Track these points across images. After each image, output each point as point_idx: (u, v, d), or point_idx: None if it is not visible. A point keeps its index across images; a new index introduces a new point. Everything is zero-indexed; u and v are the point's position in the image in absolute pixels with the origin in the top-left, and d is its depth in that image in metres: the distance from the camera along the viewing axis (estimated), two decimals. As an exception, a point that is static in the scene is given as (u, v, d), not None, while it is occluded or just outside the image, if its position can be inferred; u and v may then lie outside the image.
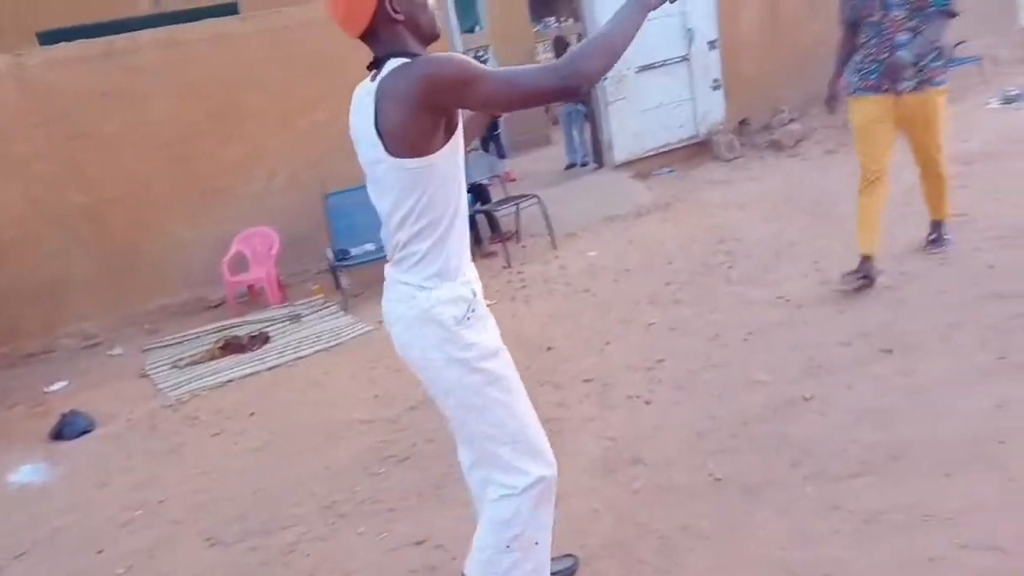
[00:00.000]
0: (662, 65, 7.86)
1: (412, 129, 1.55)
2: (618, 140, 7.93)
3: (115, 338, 6.02)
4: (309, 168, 6.39)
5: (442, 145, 1.61)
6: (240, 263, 6.24)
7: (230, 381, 4.73)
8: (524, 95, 1.53)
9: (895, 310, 3.63)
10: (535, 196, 6.33)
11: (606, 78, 7.50)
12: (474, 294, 1.78)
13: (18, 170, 5.72)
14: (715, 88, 8.20)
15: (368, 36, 1.65)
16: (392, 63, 1.58)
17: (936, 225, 4.22)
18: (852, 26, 3.88)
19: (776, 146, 7.97)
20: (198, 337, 5.60)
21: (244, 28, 6.20)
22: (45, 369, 5.64)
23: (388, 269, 1.80)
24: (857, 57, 3.87)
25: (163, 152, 6.06)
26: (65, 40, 6.06)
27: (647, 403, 3.32)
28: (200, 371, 4.96)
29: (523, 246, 6.52)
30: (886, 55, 3.68)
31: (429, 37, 1.71)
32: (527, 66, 1.56)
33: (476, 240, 6.42)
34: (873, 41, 3.76)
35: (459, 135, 1.67)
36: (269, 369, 4.82)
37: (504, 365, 1.81)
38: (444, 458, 3.21)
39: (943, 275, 3.89)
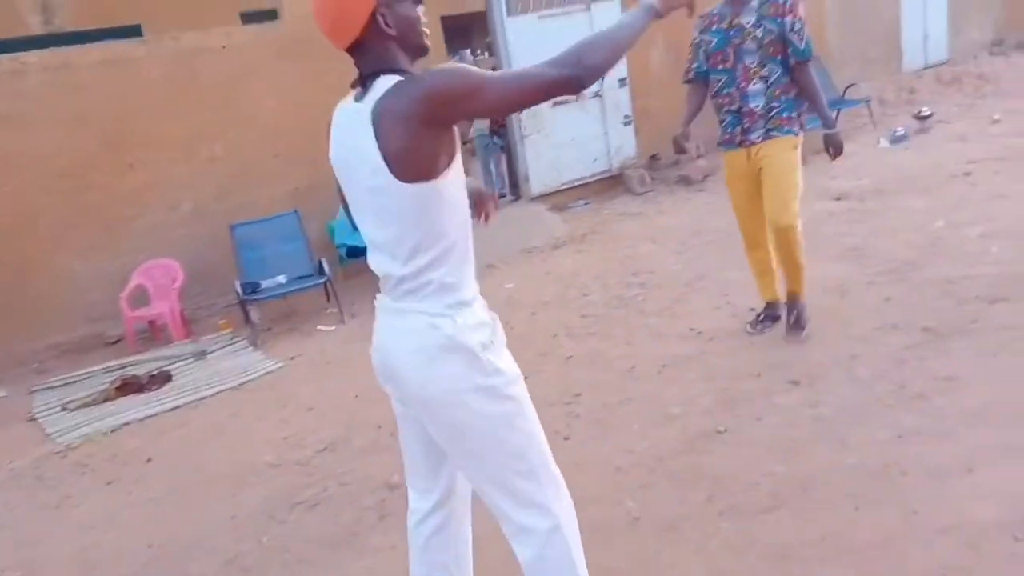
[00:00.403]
0: (575, 100, 8.03)
1: (420, 150, 1.48)
2: (534, 173, 8.01)
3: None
4: (214, 198, 6.16)
5: (448, 166, 1.54)
6: (141, 297, 5.92)
7: (126, 424, 4.44)
8: (531, 92, 1.47)
9: (801, 342, 3.76)
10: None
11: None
12: (493, 318, 1.69)
13: None
14: (626, 124, 8.43)
15: (355, 49, 1.56)
16: (385, 81, 1.50)
17: (793, 301, 3.81)
18: (702, 76, 3.69)
19: (685, 181, 8.24)
20: (92, 377, 5.26)
21: (141, 52, 5.95)
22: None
23: (389, 302, 1.67)
24: (715, 110, 3.72)
25: (54, 182, 5.71)
26: None
27: (566, 439, 3.30)
28: (94, 414, 4.64)
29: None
30: (738, 106, 3.58)
31: (419, 52, 1.62)
32: (526, 67, 1.50)
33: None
34: (726, 92, 3.60)
35: (459, 155, 1.60)
36: (170, 410, 4.55)
37: (525, 391, 1.70)
38: (357, 502, 3.10)
39: (844, 308, 4.06)
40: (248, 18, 8.60)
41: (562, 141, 8.05)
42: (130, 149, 5.93)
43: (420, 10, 1.61)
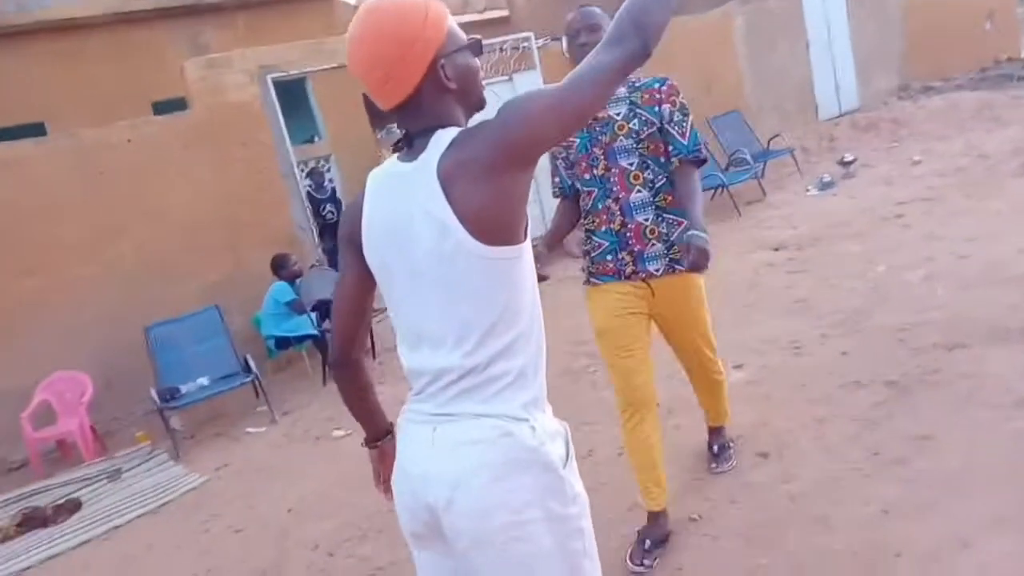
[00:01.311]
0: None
1: (505, 204, 1.25)
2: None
3: None
4: (124, 300, 5.71)
5: (526, 229, 1.32)
6: (46, 414, 5.37)
7: (27, 569, 3.89)
8: (608, 83, 1.28)
9: (762, 407, 3.54)
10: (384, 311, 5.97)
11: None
12: (564, 427, 1.40)
13: None
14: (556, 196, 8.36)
15: (406, 106, 1.33)
16: (445, 135, 1.29)
17: (717, 433, 3.23)
18: (571, 192, 2.77)
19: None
20: (-12, 512, 4.67)
21: (38, 151, 5.56)
22: None
23: (432, 409, 1.33)
24: (581, 233, 2.77)
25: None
26: None
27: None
28: (-13, 558, 4.07)
29: (380, 362, 6.10)
30: (619, 223, 2.61)
31: (477, 108, 1.42)
32: (583, 65, 1.30)
33: (327, 362, 5.94)
34: (600, 207, 2.64)
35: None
36: (77, 547, 4.02)
37: (590, 521, 1.39)
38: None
39: (800, 367, 3.88)
40: (160, 108, 8.29)
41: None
42: (27, 253, 5.47)
43: (478, 62, 1.43)
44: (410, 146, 1.35)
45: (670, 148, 2.60)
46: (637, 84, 2.62)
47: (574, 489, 1.33)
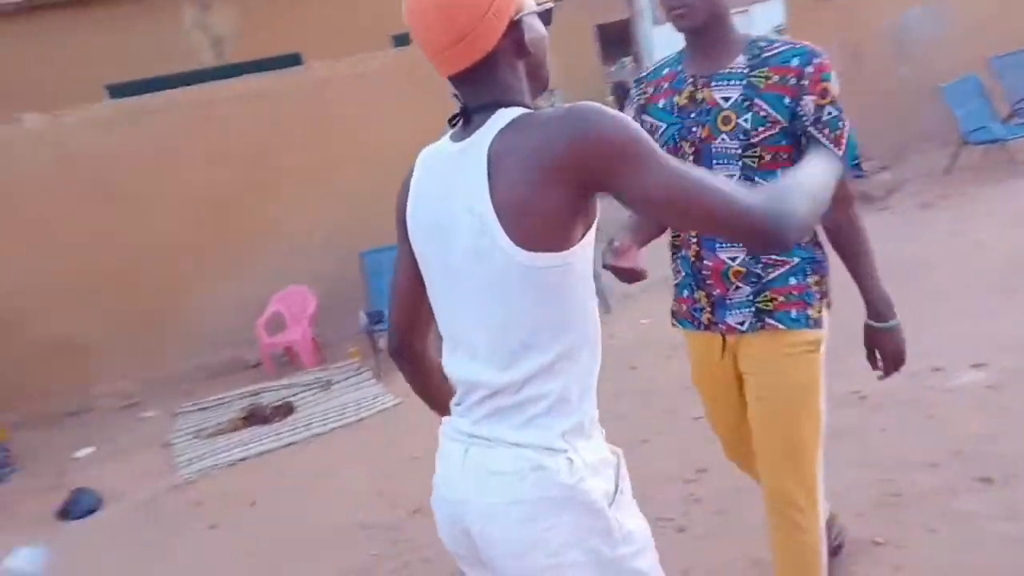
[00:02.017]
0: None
1: (551, 209, 1.07)
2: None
3: (151, 399, 5.87)
4: (345, 224, 6.14)
5: (583, 235, 1.12)
6: (278, 323, 6.02)
7: (244, 459, 4.43)
8: (711, 212, 1.05)
9: (997, 421, 2.95)
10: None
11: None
12: (616, 453, 1.23)
13: (48, 234, 5.71)
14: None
15: (473, 73, 1.14)
16: (507, 114, 1.12)
17: None
18: None
19: (865, 198, 7.21)
20: (226, 403, 5.38)
21: (276, 85, 6.06)
22: (78, 432, 5.52)
23: (468, 427, 1.19)
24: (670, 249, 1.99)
25: (195, 213, 5.94)
26: (134, 93, 6.10)
27: (679, 531, 2.78)
28: (218, 444, 4.69)
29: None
30: (695, 254, 1.82)
31: (543, 86, 1.24)
32: (714, 177, 1.10)
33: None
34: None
35: (596, 223, 1.16)
36: (286, 446, 4.50)
37: (657, 562, 1.22)
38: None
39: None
40: (400, 40, 8.66)
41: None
42: (268, 180, 6.05)
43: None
44: (467, 123, 1.17)
45: (791, 153, 1.71)
46: (764, 50, 1.70)
47: (624, 528, 1.14)
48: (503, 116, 1.12)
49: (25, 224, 5.71)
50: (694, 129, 1.75)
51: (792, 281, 1.77)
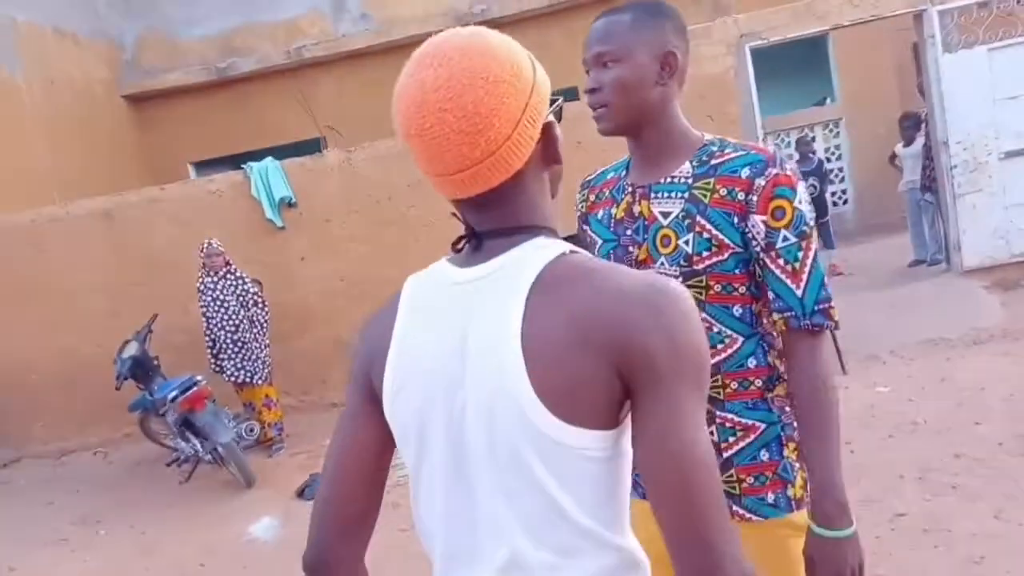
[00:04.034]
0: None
1: (604, 385, 0.86)
2: (970, 240, 6.38)
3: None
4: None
5: (624, 416, 0.90)
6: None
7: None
8: (701, 521, 0.83)
9: None
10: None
11: (954, 165, 6.14)
12: None
13: (337, 249, 6.67)
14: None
15: (494, 194, 0.92)
16: (546, 245, 0.92)
17: None
18: None
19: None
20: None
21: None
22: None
23: None
24: None
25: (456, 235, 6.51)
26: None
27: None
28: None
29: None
30: None
31: (555, 192, 1.04)
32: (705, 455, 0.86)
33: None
34: None
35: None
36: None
37: None
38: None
39: None
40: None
41: (1015, 202, 6.24)
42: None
43: None
44: (477, 248, 0.94)
45: (770, 297, 1.38)
46: (713, 156, 1.40)
47: None
48: (543, 247, 0.91)
49: (326, 240, 6.72)
50: (631, 249, 1.45)
51: (763, 457, 1.40)
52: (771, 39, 6.14)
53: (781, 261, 1.35)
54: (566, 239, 0.96)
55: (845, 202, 10.63)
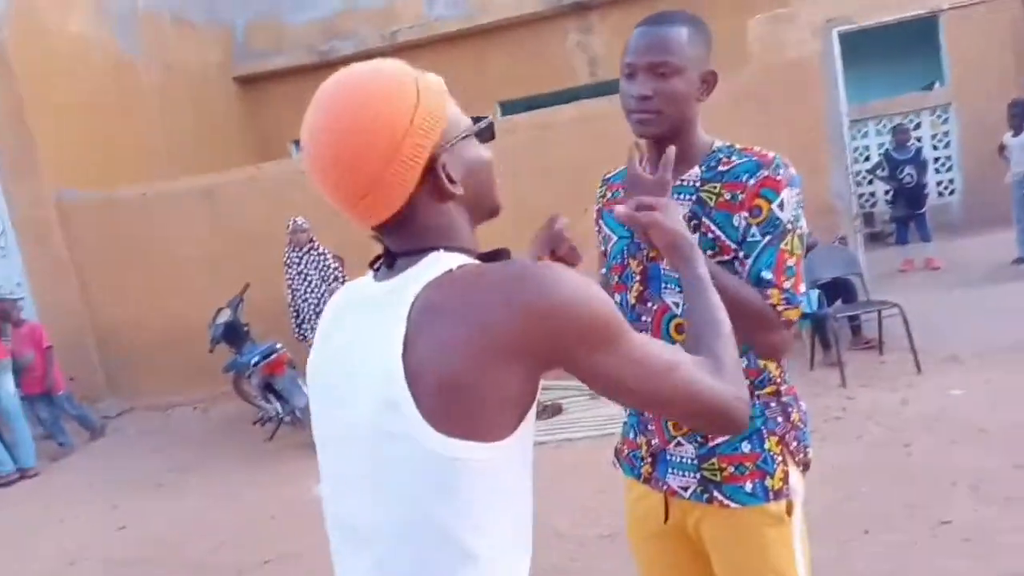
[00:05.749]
0: None
1: (483, 390, 0.88)
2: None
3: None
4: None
5: (520, 423, 0.94)
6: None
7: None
8: (684, 394, 0.96)
9: None
10: (895, 305, 5.19)
11: None
12: None
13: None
14: None
15: (392, 224, 0.98)
16: (441, 260, 0.95)
17: None
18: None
19: None
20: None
21: (605, 109, 6.45)
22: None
23: None
24: None
25: (526, 223, 6.66)
26: (522, 110, 7.08)
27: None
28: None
29: (882, 361, 5.41)
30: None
31: (489, 215, 1.08)
32: (678, 350, 1.02)
33: (824, 345, 5.57)
34: None
35: (535, 406, 0.99)
36: (537, 445, 4.94)
37: None
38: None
39: None
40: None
41: None
42: (585, 195, 6.52)
43: (489, 152, 1.05)
44: (390, 265, 1.00)
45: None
46: (720, 162, 1.49)
47: None
48: (436, 263, 0.95)
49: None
50: (643, 246, 1.52)
51: (745, 448, 1.49)
52: (861, 23, 5.91)
53: (742, 255, 1.45)
54: (490, 254, 1.01)
55: (952, 192, 10.03)
